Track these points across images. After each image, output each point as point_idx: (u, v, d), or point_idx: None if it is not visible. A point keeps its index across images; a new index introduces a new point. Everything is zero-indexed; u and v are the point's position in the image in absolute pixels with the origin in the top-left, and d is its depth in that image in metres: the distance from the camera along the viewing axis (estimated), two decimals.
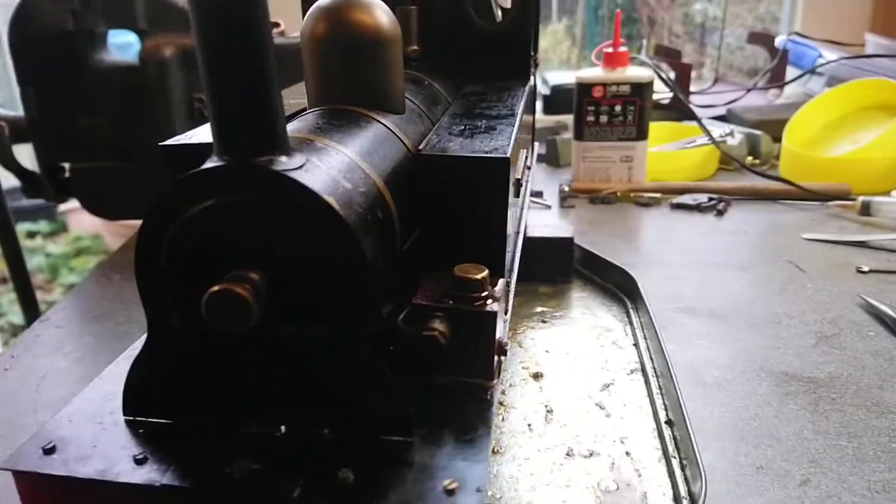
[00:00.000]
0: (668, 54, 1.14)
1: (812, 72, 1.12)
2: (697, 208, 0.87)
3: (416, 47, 0.50)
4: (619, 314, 0.61)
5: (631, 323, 0.59)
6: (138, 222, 0.87)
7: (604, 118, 0.90)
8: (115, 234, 3.45)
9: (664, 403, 0.47)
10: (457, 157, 0.36)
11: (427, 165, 0.36)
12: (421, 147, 0.38)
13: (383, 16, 0.38)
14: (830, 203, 0.85)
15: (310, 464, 0.29)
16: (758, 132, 1.02)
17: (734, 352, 0.55)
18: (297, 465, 0.29)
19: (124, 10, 0.77)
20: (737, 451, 0.44)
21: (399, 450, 0.30)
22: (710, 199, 0.88)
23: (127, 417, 0.32)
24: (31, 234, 2.72)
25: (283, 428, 0.31)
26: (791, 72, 1.18)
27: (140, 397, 0.32)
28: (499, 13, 0.51)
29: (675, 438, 0.43)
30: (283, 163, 0.28)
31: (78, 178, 0.85)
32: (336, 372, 0.30)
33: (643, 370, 0.51)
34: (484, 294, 0.34)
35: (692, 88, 1.30)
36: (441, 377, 0.34)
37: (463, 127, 0.41)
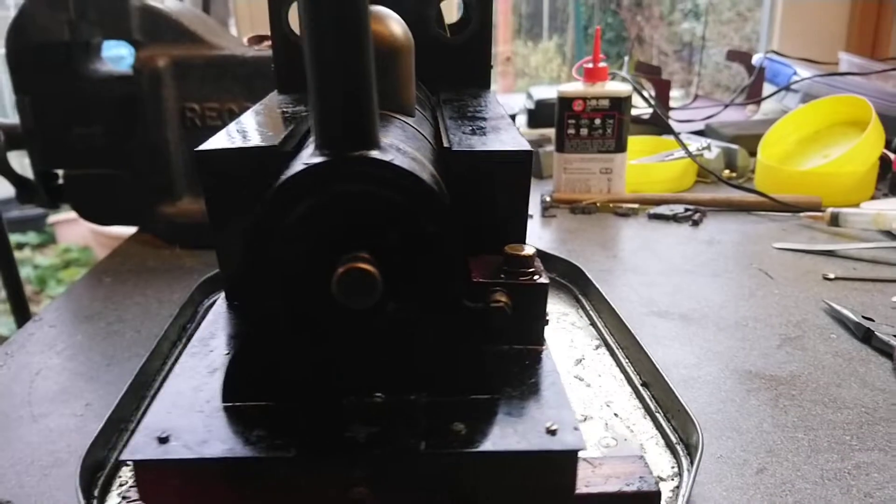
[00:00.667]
0: (648, 71, 1.18)
1: (787, 88, 1.16)
2: (674, 218, 0.90)
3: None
4: (570, 300, 0.65)
5: (583, 307, 0.63)
6: (128, 230, 0.88)
7: (584, 131, 0.93)
8: (104, 245, 3.45)
9: (635, 370, 0.52)
10: (489, 152, 0.39)
11: (459, 161, 0.39)
12: (448, 145, 0.40)
13: (398, 26, 0.42)
14: (802, 214, 0.88)
15: (421, 422, 0.32)
16: (734, 146, 1.06)
17: (701, 352, 0.58)
18: (410, 425, 0.32)
19: (119, 22, 0.79)
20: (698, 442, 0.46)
21: (490, 405, 0.34)
22: (687, 210, 0.90)
23: (226, 404, 0.34)
24: (20, 246, 2.72)
25: (380, 397, 0.34)
26: (767, 88, 1.22)
27: (242, 384, 0.34)
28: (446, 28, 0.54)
29: (654, 397, 0.48)
30: (383, 155, 0.30)
31: (71, 184, 0.87)
32: (430, 342, 0.33)
33: (606, 345, 0.56)
34: (531, 269, 0.38)
35: (675, 104, 1.33)
36: (501, 345, 0.38)
37: (471, 127, 0.44)
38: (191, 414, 0.33)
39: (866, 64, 1.14)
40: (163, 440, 0.31)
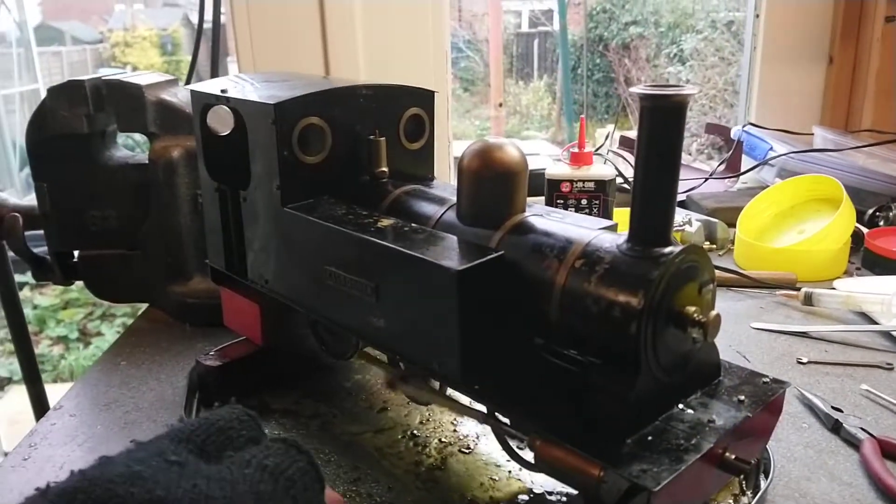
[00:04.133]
0: (631, 145, 1.24)
1: (764, 163, 1.22)
2: None
3: (385, 169, 0.64)
4: None
5: None
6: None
7: (571, 210, 0.98)
8: None
9: None
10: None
11: None
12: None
13: (518, 151, 0.54)
14: (778, 292, 0.93)
15: (723, 405, 0.49)
16: (714, 220, 1.11)
17: None
18: (721, 409, 0.49)
19: (136, 116, 0.84)
20: None
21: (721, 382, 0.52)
22: None
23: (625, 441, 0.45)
24: (19, 286, 2.73)
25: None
26: (746, 161, 1.28)
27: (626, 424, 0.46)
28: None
29: None
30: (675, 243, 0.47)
31: (85, 264, 0.91)
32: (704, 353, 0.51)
33: None
34: None
35: None
36: None
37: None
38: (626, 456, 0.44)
39: (839, 139, 1.20)
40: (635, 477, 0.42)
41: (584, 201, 0.98)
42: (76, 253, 0.92)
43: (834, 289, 0.91)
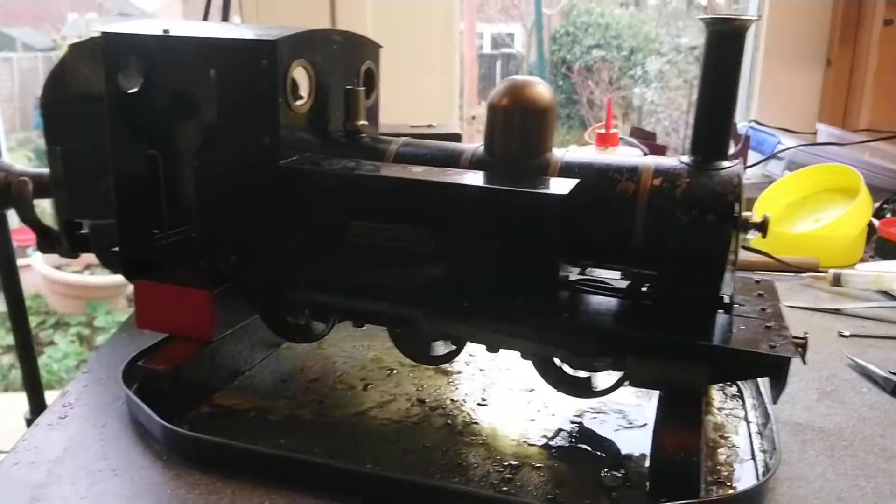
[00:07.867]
0: (643, 136, 1.24)
1: (773, 156, 1.24)
2: None
3: (365, 122, 0.60)
4: None
5: None
6: (87, 281, 0.88)
7: None
8: (57, 293, 3.33)
9: None
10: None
11: None
12: None
13: (548, 90, 0.54)
14: (805, 274, 0.93)
15: None
16: None
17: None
18: None
19: None
20: (774, 490, 0.49)
21: None
22: None
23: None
24: None
25: None
26: (753, 156, 1.30)
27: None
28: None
29: None
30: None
31: (97, 234, 0.86)
32: None
33: None
34: None
35: None
36: None
37: None
38: None
39: (843, 135, 1.23)
40: None
41: None
42: (86, 223, 0.87)
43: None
